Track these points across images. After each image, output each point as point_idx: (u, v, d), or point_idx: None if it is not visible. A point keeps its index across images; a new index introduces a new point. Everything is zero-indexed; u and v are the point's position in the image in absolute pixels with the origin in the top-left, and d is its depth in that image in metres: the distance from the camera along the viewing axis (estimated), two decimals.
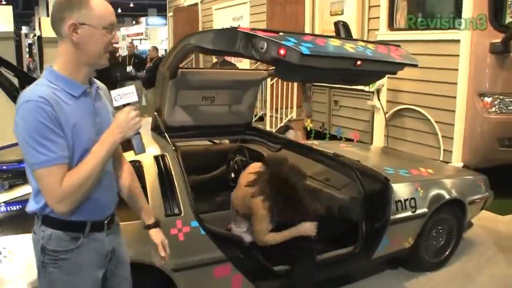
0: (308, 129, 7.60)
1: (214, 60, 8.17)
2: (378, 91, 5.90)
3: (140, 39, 28.76)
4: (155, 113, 3.18)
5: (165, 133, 2.99)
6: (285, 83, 7.72)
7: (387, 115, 6.08)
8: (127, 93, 1.72)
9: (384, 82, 5.86)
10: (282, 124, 7.82)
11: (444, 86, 5.45)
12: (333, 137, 7.04)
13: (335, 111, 7.26)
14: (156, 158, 2.76)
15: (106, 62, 1.75)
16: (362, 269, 3.57)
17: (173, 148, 2.89)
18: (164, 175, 2.71)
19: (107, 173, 1.79)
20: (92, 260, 1.77)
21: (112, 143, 1.65)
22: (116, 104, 1.73)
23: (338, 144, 4.95)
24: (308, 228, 3.04)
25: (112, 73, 8.91)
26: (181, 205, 2.66)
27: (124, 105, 1.71)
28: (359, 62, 2.50)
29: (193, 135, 3.41)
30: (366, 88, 5.98)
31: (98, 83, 1.85)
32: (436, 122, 5.58)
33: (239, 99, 3.50)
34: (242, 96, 3.49)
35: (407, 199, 3.42)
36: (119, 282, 1.93)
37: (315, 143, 4.81)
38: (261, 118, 8.32)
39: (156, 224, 2.03)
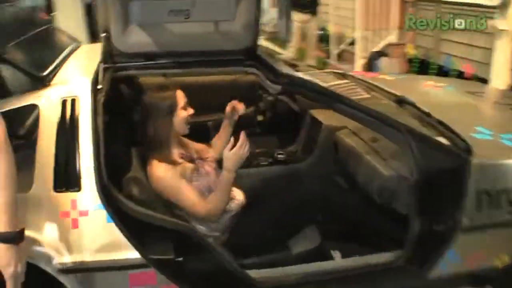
0: (409, 57, 5.92)
1: None
2: (504, 4, 4.02)
3: None
4: (103, 34, 2.09)
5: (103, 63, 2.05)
6: None
7: None
8: None
9: None
10: (375, 49, 6.24)
11: None
12: (441, 71, 5.30)
13: (444, 34, 5.42)
14: (64, 103, 1.87)
15: None
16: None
17: (96, 88, 1.91)
18: (66, 129, 1.83)
19: None
20: None
21: None
22: None
23: (423, 82, 3.28)
24: (234, 154, 1.93)
25: None
26: (81, 176, 1.78)
27: None
28: None
29: (162, 66, 2.25)
30: (487, 2, 4.12)
31: None
32: None
33: (230, 13, 2.19)
34: (234, 7, 2.17)
35: (503, 191, 1.96)
36: None
37: (387, 78, 3.37)
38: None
39: (6, 238, 1.30)
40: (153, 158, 2.02)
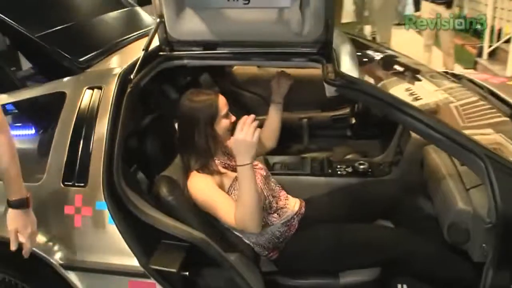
0: None
1: None
2: None
3: None
4: (158, 20, 1.93)
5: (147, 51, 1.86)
6: None
7: None
8: None
9: None
10: None
11: None
12: None
13: None
14: (87, 91, 1.79)
15: None
16: None
17: (125, 78, 1.78)
18: (85, 120, 1.73)
19: None
20: None
21: None
22: None
23: None
24: (236, 141, 1.62)
25: None
26: (89, 171, 1.67)
27: None
28: None
29: (218, 57, 2.00)
30: None
31: None
32: None
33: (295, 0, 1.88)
34: None
35: None
36: None
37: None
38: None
39: (20, 204, 1.48)
40: (192, 168, 1.85)
